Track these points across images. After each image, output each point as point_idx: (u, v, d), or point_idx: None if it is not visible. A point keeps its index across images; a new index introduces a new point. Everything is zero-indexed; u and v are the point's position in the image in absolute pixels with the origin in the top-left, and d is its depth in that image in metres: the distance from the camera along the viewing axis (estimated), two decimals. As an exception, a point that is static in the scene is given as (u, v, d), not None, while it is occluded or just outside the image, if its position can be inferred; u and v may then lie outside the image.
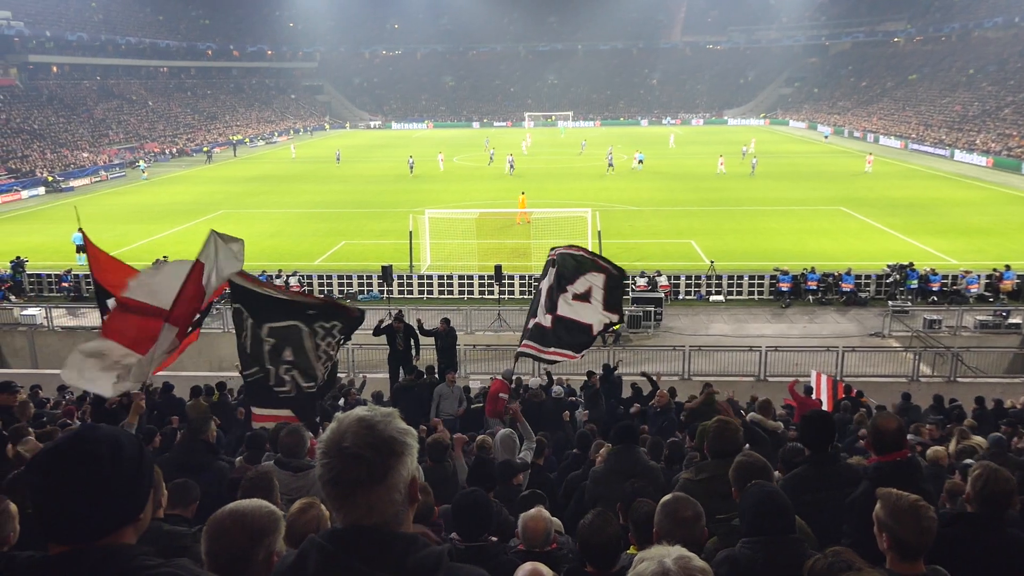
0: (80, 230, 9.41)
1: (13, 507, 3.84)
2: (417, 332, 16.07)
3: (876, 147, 73.00)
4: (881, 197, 43.77)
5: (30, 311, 23.66)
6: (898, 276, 25.39)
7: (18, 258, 27.87)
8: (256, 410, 8.33)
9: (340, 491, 1.88)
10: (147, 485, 2.01)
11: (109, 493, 1.87)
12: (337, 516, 1.93)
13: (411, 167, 57.17)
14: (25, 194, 51.43)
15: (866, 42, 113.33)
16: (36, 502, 1.88)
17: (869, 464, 4.55)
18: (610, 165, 56.66)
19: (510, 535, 4.99)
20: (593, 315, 10.40)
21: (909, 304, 24.27)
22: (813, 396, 14.15)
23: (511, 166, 56.44)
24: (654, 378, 13.45)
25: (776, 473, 6.51)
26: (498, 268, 25.07)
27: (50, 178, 55.44)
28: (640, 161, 57.73)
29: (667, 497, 3.76)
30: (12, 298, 26.26)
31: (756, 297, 26.01)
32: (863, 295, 25.32)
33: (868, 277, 25.90)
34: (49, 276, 27.69)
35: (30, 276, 27.71)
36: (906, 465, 4.43)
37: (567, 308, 10.39)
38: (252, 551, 2.57)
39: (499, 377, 13.69)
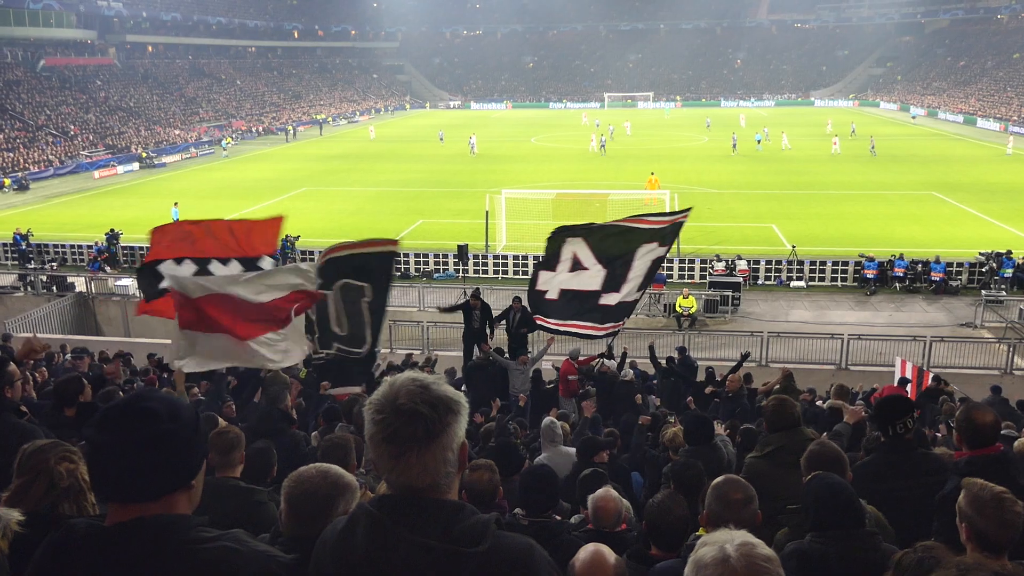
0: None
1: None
2: (490, 310, 16.12)
3: (974, 130, 69.73)
4: (977, 182, 41.80)
5: (123, 282, 24.69)
6: (993, 264, 24.24)
7: (112, 230, 29.07)
8: (333, 390, 8.44)
9: (395, 449, 1.87)
10: (202, 451, 2.04)
11: (166, 450, 1.89)
12: (388, 477, 1.91)
13: (472, 147, 57.54)
14: (121, 169, 53.57)
15: (965, 19, 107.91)
16: (94, 458, 1.91)
17: (959, 459, 4.32)
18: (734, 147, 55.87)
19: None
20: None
21: (1004, 294, 23.16)
22: (910, 388, 13.64)
23: (603, 145, 56.16)
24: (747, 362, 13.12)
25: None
26: (574, 249, 24.94)
27: (144, 154, 57.63)
28: (759, 140, 57.24)
29: (718, 479, 3.64)
30: (107, 269, 27.45)
31: (839, 284, 25.22)
32: (954, 284, 24.28)
33: (960, 265, 24.81)
34: (141, 248, 28.81)
35: (124, 248, 28.90)
36: (999, 460, 4.21)
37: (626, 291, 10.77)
38: (333, 503, 2.61)
39: (567, 357, 13.66)
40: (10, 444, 3.35)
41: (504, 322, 15.61)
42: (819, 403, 12.14)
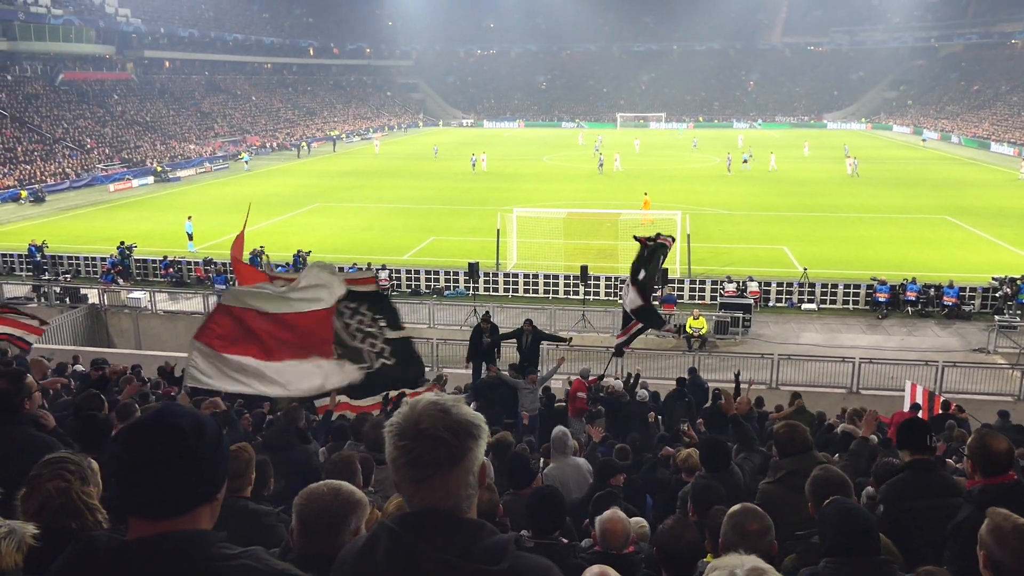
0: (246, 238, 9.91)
1: (95, 464, 3.98)
2: (499, 330, 16.16)
3: (987, 154, 69.63)
4: (990, 206, 41.64)
5: (135, 294, 24.86)
6: (1009, 290, 24.09)
7: (122, 243, 29.24)
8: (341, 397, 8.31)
9: (417, 473, 1.89)
10: (225, 465, 2.04)
11: (191, 466, 1.89)
12: (410, 500, 1.93)
13: (473, 164, 58.13)
14: (136, 183, 54.00)
15: (979, 44, 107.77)
16: (119, 474, 1.90)
17: (973, 487, 4.28)
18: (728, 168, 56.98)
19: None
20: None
21: (1018, 319, 23.00)
22: (921, 415, 13.54)
23: (600, 164, 57.37)
24: (743, 384, 13.07)
25: (869, 488, 6.28)
26: (584, 268, 24.99)
27: (159, 168, 58.08)
28: (745, 160, 58.03)
29: (735, 508, 3.62)
30: (120, 281, 27.63)
31: (851, 307, 25.12)
32: (967, 308, 24.15)
33: (973, 290, 24.68)
34: (154, 262, 29.02)
35: (137, 261, 29.09)
36: (1015, 488, 4.17)
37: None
38: (345, 520, 2.60)
39: (577, 376, 13.65)
40: (27, 457, 3.38)
41: (516, 342, 15.67)
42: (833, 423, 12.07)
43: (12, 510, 2.86)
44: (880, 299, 24.37)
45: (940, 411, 13.13)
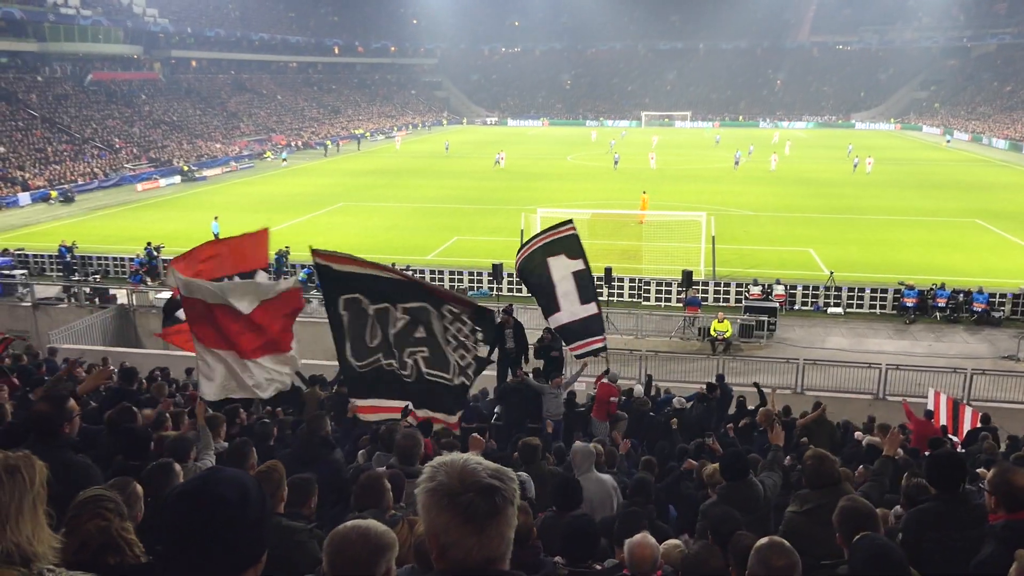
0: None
1: (139, 488, 4.04)
2: (523, 329, 16.16)
3: (1019, 156, 68.56)
4: (1022, 210, 41.01)
5: (164, 294, 25.09)
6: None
7: (149, 244, 29.55)
8: (360, 402, 8.11)
9: (477, 526, 1.88)
10: (269, 528, 2.07)
11: (236, 535, 1.91)
12: (468, 556, 1.90)
13: (497, 161, 58.91)
14: (163, 182, 54.56)
15: (1013, 44, 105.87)
16: (166, 543, 1.93)
17: (995, 523, 4.20)
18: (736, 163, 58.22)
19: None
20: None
21: (1049, 326, 22.65)
22: (933, 420, 13.38)
23: (616, 162, 58.44)
24: (766, 391, 12.96)
25: (897, 507, 6.23)
26: (608, 270, 24.90)
27: (185, 167, 58.65)
28: (737, 163, 58.89)
29: (762, 542, 3.56)
30: (148, 281, 27.93)
31: (878, 312, 24.86)
32: (997, 315, 23.81)
33: (1003, 296, 24.32)
34: (181, 261, 29.27)
35: (164, 261, 29.35)
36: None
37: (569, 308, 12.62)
38: (376, 564, 2.61)
39: (606, 380, 13.59)
40: (67, 481, 3.43)
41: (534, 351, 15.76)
42: (857, 435, 11.97)
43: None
44: (908, 304, 24.10)
45: (979, 424, 12.86)
